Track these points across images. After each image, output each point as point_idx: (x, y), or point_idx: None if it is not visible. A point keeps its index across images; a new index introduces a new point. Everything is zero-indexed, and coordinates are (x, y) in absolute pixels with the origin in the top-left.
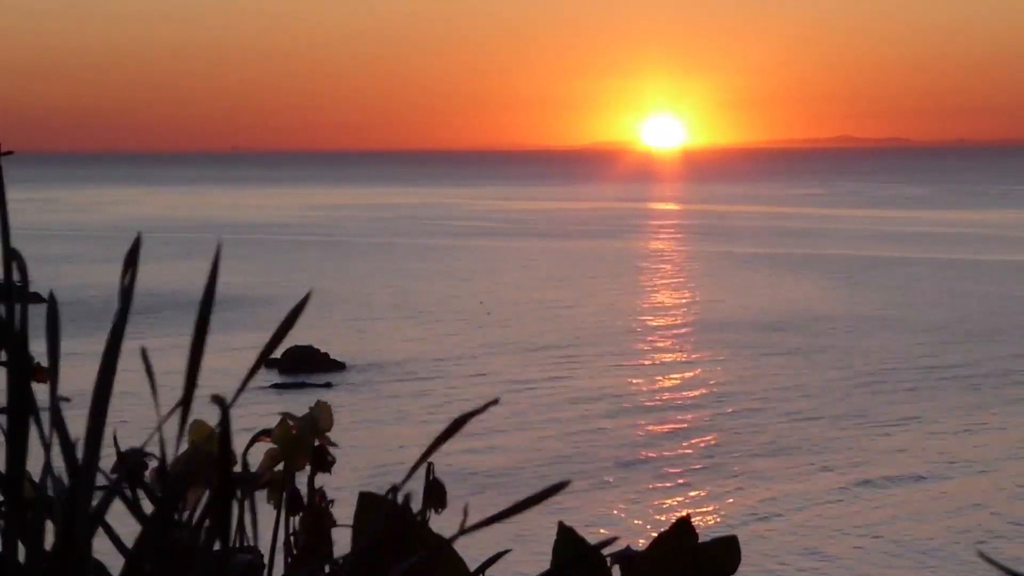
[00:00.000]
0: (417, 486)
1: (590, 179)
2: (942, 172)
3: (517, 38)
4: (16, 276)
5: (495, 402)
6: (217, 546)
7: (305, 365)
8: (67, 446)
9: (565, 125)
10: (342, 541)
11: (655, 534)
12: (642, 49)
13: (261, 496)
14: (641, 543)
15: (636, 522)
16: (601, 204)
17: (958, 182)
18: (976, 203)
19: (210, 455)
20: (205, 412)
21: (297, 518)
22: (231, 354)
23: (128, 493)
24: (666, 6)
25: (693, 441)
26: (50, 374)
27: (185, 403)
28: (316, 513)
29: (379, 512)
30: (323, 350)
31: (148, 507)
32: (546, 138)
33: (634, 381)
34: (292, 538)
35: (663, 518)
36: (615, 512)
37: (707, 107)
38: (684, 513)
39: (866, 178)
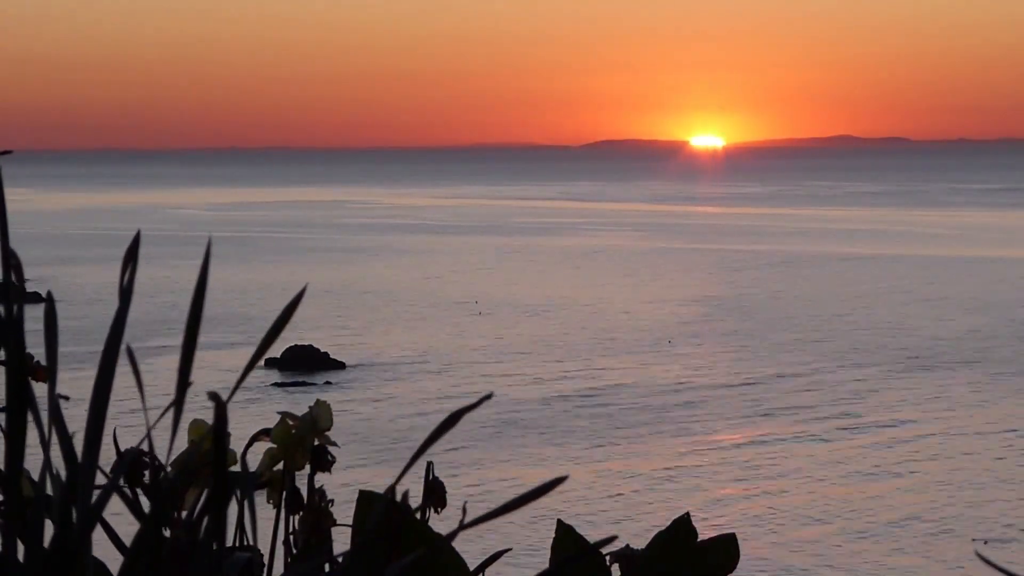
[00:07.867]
0: (416, 484)
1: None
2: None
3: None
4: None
5: (489, 397)
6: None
7: (305, 364)
8: (66, 444)
9: (569, 124)
10: (342, 540)
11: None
12: (640, 52)
13: (261, 496)
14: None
15: (636, 520)
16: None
17: (913, 181)
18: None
19: (208, 453)
20: (203, 411)
21: (297, 517)
22: (215, 355)
23: (128, 492)
24: (666, 8)
25: (692, 437)
26: (49, 373)
27: (178, 401)
28: (316, 512)
29: (378, 510)
30: (323, 350)
31: (147, 506)
32: (547, 137)
33: (631, 377)
34: (292, 538)
35: (662, 516)
36: (613, 509)
37: (708, 107)
38: (684, 510)
39: (821, 176)
